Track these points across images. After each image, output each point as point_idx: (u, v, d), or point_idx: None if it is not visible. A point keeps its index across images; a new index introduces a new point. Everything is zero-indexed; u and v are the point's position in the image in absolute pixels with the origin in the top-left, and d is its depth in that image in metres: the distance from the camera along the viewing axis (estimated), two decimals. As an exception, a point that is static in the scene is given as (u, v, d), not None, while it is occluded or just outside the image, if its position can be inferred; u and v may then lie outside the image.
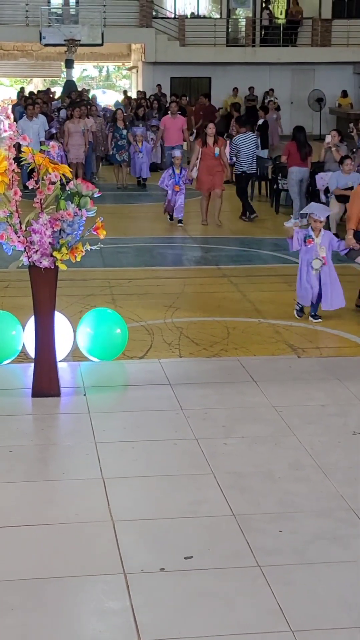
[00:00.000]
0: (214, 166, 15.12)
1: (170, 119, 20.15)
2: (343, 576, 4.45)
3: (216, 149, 15.08)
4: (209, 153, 15.07)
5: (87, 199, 6.71)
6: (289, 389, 7.02)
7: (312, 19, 34.01)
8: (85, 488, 5.35)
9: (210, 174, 15.08)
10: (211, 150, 15.04)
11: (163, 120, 20.60)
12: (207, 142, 15.11)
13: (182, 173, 15.05)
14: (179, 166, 15.17)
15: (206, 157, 15.10)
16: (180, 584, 4.38)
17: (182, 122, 20.15)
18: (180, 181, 15.08)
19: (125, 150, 19.50)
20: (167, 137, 20.02)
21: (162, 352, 8.19)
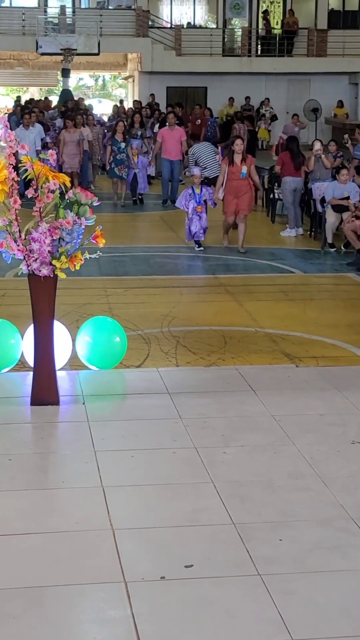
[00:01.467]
0: (240, 187, 13.84)
1: (167, 131, 19.09)
2: (343, 585, 4.45)
3: (243, 167, 13.78)
4: (236, 172, 13.81)
5: (86, 208, 6.72)
6: (288, 398, 7.03)
7: (307, 29, 34.15)
8: (84, 496, 5.35)
9: (237, 196, 13.87)
10: (238, 170, 13.79)
11: (160, 132, 19.45)
12: (234, 161, 13.84)
13: (203, 192, 13.75)
14: (198, 185, 13.81)
15: (232, 177, 13.82)
16: (181, 592, 4.38)
17: (180, 134, 19.09)
18: (202, 201, 13.75)
19: (124, 165, 18.47)
20: (166, 149, 18.92)
21: (159, 361, 8.20)
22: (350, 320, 9.83)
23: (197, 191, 13.70)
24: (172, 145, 18.76)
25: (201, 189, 13.71)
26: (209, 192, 13.76)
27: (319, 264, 13.29)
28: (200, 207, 13.64)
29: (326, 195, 14.29)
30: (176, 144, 18.77)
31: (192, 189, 13.76)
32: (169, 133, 18.97)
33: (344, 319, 9.92)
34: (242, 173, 13.75)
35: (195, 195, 13.67)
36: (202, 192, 13.69)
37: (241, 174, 13.75)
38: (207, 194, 13.71)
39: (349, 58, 33.70)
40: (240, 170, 13.74)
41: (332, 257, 13.66)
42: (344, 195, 13.98)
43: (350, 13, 35.20)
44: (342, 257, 13.50)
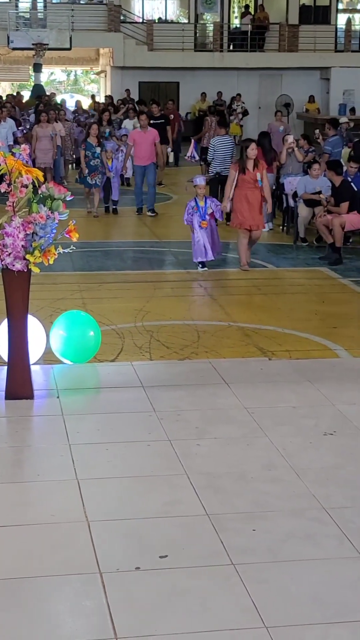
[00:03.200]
0: (254, 197, 12.10)
1: (140, 133, 17.02)
2: (315, 574, 4.51)
3: (257, 174, 12.05)
4: (249, 180, 12.04)
5: (59, 202, 6.74)
6: (261, 391, 7.09)
7: (279, 24, 34.23)
8: (60, 489, 5.39)
9: (251, 207, 12.08)
10: (251, 177, 12.03)
11: (131, 134, 17.61)
12: (246, 167, 12.07)
13: (208, 204, 12.05)
14: (202, 197, 12.08)
15: (244, 185, 12.04)
16: (156, 582, 4.42)
17: (154, 136, 16.90)
18: (207, 216, 12.03)
19: (98, 172, 16.58)
20: (137, 154, 16.89)
21: (132, 355, 8.24)
22: (322, 314, 9.91)
23: (201, 203, 11.99)
24: (144, 149, 16.75)
25: (205, 200, 12.04)
26: (215, 204, 12.10)
27: (291, 258, 13.36)
28: (206, 222, 11.91)
29: (298, 190, 14.36)
30: (149, 147, 16.79)
31: (195, 201, 12.02)
32: (141, 136, 16.91)
33: (316, 313, 9.99)
34: (259, 181, 12.05)
35: (199, 208, 11.98)
36: (206, 205, 11.99)
37: (258, 182, 12.04)
38: (212, 206, 12.04)
39: (320, 53, 33.85)
40: (254, 177, 12.02)
41: (304, 252, 13.74)
42: (315, 189, 14.06)
43: (321, 8, 35.34)
44: (314, 252, 13.58)
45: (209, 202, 12.06)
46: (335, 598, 4.30)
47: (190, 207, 12.06)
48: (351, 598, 4.30)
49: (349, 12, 36.23)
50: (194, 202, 12.04)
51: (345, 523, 4.99)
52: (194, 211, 12.01)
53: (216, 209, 12.04)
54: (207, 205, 11.97)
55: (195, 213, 11.98)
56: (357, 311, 10.19)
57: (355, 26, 35.83)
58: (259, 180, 11.96)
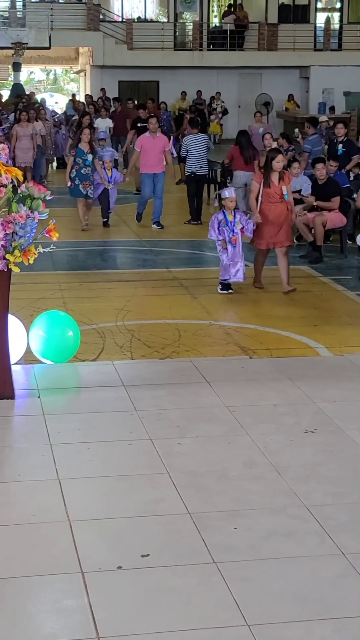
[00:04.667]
0: (279, 212, 10.97)
1: (148, 139, 15.46)
2: (297, 571, 4.53)
3: (283, 187, 10.98)
4: (273, 194, 10.92)
5: (39, 202, 6.73)
6: (242, 389, 7.10)
7: (258, 23, 34.27)
8: (41, 489, 5.38)
9: (274, 224, 10.99)
10: (277, 191, 10.93)
11: (140, 140, 15.73)
12: (270, 179, 10.97)
13: (236, 219, 10.85)
14: (232, 210, 10.89)
15: (269, 199, 10.93)
16: (138, 581, 4.43)
17: (164, 143, 15.54)
18: (237, 230, 10.83)
19: (90, 182, 15.11)
20: (146, 162, 15.44)
21: (113, 354, 8.24)
22: (302, 312, 9.93)
23: (230, 217, 10.82)
24: (153, 157, 15.35)
25: (234, 214, 10.87)
26: (245, 219, 10.93)
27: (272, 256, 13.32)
28: (235, 237, 10.79)
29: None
30: (158, 154, 15.38)
31: (224, 214, 10.87)
32: (150, 142, 15.42)
33: (297, 311, 10.02)
34: (285, 195, 10.99)
35: (228, 222, 10.80)
36: (235, 219, 10.82)
37: (283, 196, 10.97)
38: (242, 221, 10.87)
39: (300, 52, 33.95)
40: (279, 191, 10.94)
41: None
42: (295, 188, 14.08)
43: (300, 7, 35.43)
44: (295, 250, 13.58)
45: (238, 216, 10.90)
46: (317, 595, 4.31)
47: (217, 221, 10.84)
48: (333, 595, 4.32)
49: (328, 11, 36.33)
50: (222, 215, 10.88)
51: (326, 520, 5.01)
52: (222, 226, 10.80)
53: (246, 224, 10.89)
54: (237, 220, 10.83)
55: (224, 228, 10.79)
56: (337, 309, 10.22)
57: (334, 25, 35.93)
58: (285, 194, 10.95)
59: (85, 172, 14.98)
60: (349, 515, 5.08)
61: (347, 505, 5.21)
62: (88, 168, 14.98)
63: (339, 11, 36.26)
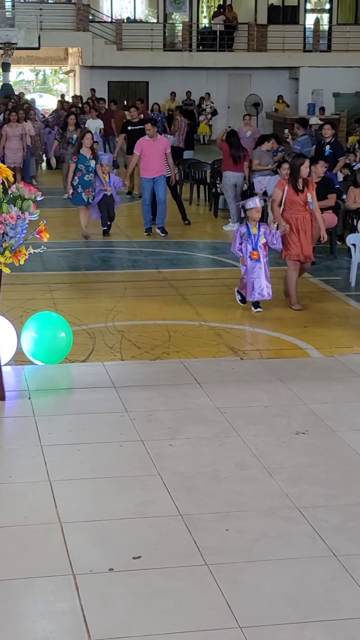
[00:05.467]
0: (305, 222, 10.15)
1: (148, 142, 14.64)
2: (289, 573, 4.52)
3: (308, 195, 10.14)
4: (299, 202, 10.10)
5: (29, 202, 6.71)
6: (233, 391, 7.10)
7: (248, 24, 34.29)
8: (32, 491, 5.36)
9: (301, 234, 10.14)
10: (302, 199, 10.10)
11: (139, 143, 14.85)
12: (297, 187, 10.11)
13: (260, 232, 9.94)
14: (256, 222, 9.98)
15: (294, 208, 10.08)
16: (129, 583, 4.42)
17: (164, 145, 14.75)
18: (260, 244, 9.94)
19: (92, 188, 14.19)
20: (146, 166, 14.66)
21: (103, 355, 8.22)
22: (292, 314, 9.93)
23: (254, 231, 9.93)
24: (153, 160, 14.60)
25: (258, 227, 9.96)
26: (269, 233, 9.98)
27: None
28: (257, 253, 9.87)
29: (268, 190, 14.38)
30: (159, 158, 14.64)
31: (247, 227, 9.96)
32: (150, 145, 14.62)
33: (287, 312, 10.02)
34: (311, 203, 10.18)
35: (251, 236, 9.92)
36: (259, 232, 9.93)
37: (309, 204, 10.15)
38: (267, 235, 9.97)
39: (289, 53, 33.96)
40: (305, 199, 10.10)
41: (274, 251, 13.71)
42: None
43: (289, 8, 35.45)
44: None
45: (263, 229, 9.95)
46: (308, 597, 4.31)
47: (240, 234, 9.97)
48: (325, 597, 4.32)
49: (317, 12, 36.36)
50: (245, 228, 9.98)
51: (318, 522, 5.01)
52: (244, 239, 9.93)
53: (271, 238, 9.94)
54: (260, 233, 9.92)
55: (246, 241, 9.91)
56: (327, 310, 10.22)
57: (324, 26, 35.97)
58: (310, 202, 10.15)
59: (89, 179, 14.10)
60: (340, 517, 5.08)
61: (339, 507, 5.21)
62: (91, 175, 14.12)
63: (328, 12, 36.31)
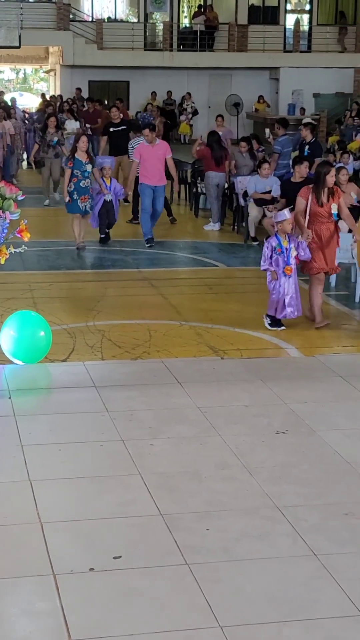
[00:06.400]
0: (330, 234, 9.51)
1: (147, 148, 13.88)
2: (269, 572, 4.53)
3: (332, 206, 9.47)
4: (323, 214, 9.43)
5: (10, 202, 6.71)
6: (214, 390, 7.11)
7: (228, 24, 34.31)
8: (12, 490, 5.35)
9: (325, 247, 9.47)
10: (327, 210, 9.44)
11: (138, 149, 14.13)
12: (320, 198, 9.41)
13: (291, 245, 9.16)
14: (285, 234, 9.18)
15: (317, 220, 9.43)
16: (110, 583, 4.42)
17: (164, 150, 13.96)
18: (291, 258, 9.18)
19: (89, 195, 13.31)
20: (145, 172, 13.87)
21: (84, 355, 8.21)
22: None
23: (285, 244, 9.15)
24: (152, 166, 13.85)
25: (289, 239, 9.17)
26: (299, 244, 9.20)
27: (242, 257, 13.40)
28: (291, 267, 9.13)
29: (248, 190, 14.40)
30: (158, 164, 13.91)
31: (278, 239, 9.16)
32: (149, 150, 13.87)
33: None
34: (334, 214, 9.53)
35: (283, 250, 9.15)
36: (290, 245, 9.15)
37: (333, 215, 9.51)
38: (300, 249, 9.21)
39: (269, 53, 33.99)
40: (329, 210, 9.45)
41: (254, 251, 13.77)
42: (266, 189, 14.12)
43: (270, 9, 35.48)
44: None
45: (293, 242, 9.20)
46: (288, 597, 4.32)
47: (270, 249, 9.17)
48: (304, 596, 4.33)
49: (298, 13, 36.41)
50: (276, 241, 9.17)
51: (298, 521, 5.02)
52: (276, 253, 9.14)
53: (299, 247, 9.21)
54: (292, 246, 9.17)
55: (278, 256, 9.13)
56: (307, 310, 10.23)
57: (304, 27, 36.03)
58: (334, 214, 9.49)
59: (85, 185, 13.25)
60: (320, 516, 5.10)
61: (319, 507, 5.22)
62: (87, 180, 13.28)
63: (308, 13, 36.36)
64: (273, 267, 9.12)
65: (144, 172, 13.88)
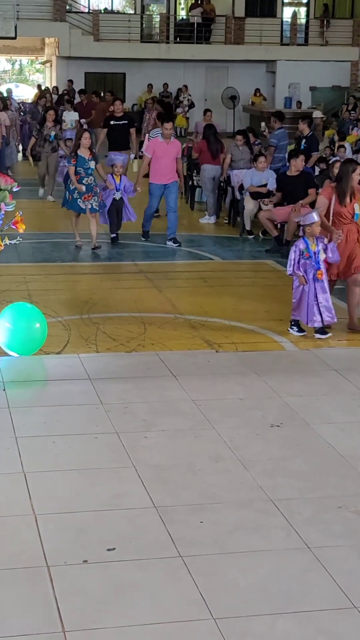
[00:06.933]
0: (352, 236, 9.13)
1: (162, 145, 13.30)
2: (262, 565, 4.55)
3: (355, 206, 9.14)
4: (345, 214, 9.10)
5: (5, 193, 6.71)
6: (208, 383, 7.11)
7: (225, 16, 34.26)
8: (6, 482, 5.35)
9: (347, 249, 9.07)
10: (349, 210, 9.10)
11: (151, 145, 13.54)
12: (343, 198, 9.08)
13: (319, 247, 8.72)
14: (314, 238, 8.74)
15: (340, 220, 9.10)
16: (103, 575, 4.42)
17: (177, 149, 13.44)
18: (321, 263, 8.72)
19: (92, 193, 12.75)
20: (157, 169, 13.33)
21: (79, 347, 8.21)
22: (268, 307, 9.95)
23: (314, 247, 8.71)
24: (165, 164, 13.30)
25: (317, 242, 8.74)
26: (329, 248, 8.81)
27: (237, 250, 13.40)
28: (322, 271, 8.69)
29: (244, 183, 14.40)
30: (171, 162, 13.36)
31: (306, 242, 8.72)
32: (163, 148, 13.29)
33: (262, 305, 10.04)
34: (356, 214, 9.14)
35: (312, 254, 8.70)
36: (318, 249, 8.71)
37: (354, 216, 9.12)
38: (329, 251, 8.80)
39: (266, 46, 33.94)
40: (352, 210, 9.11)
41: (250, 244, 13.79)
42: (262, 182, 14.12)
43: (267, 1, 35.41)
44: (260, 244, 13.64)
45: (321, 245, 8.77)
46: (282, 589, 4.33)
47: (298, 252, 8.73)
48: (297, 589, 4.34)
49: (295, 6, 36.38)
50: (303, 244, 8.72)
51: (292, 514, 5.03)
52: (304, 257, 8.71)
53: (332, 252, 8.78)
54: (320, 249, 8.73)
55: (306, 260, 8.69)
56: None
57: (301, 20, 35.99)
58: (356, 214, 9.11)
59: (88, 183, 12.69)
60: (314, 510, 5.11)
61: (313, 500, 5.24)
62: (91, 177, 12.73)
63: (305, 6, 36.33)
64: (301, 271, 8.70)
65: (156, 170, 13.34)
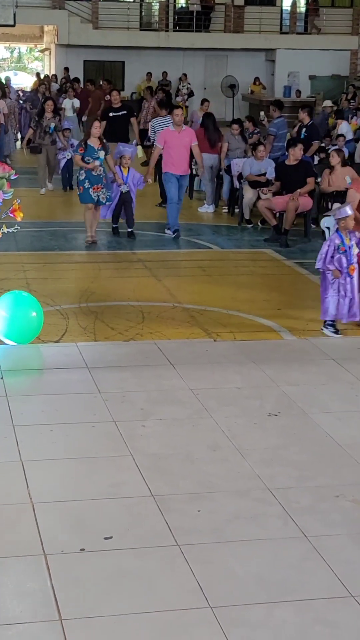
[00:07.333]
0: None
1: (173, 134, 13.06)
2: (260, 554, 4.55)
3: None
4: None
5: (3, 181, 6.69)
6: (206, 372, 7.11)
7: (225, 5, 34.15)
8: (3, 471, 5.35)
9: None
10: None
11: (162, 135, 13.29)
12: None
13: (353, 241, 8.46)
14: (346, 230, 8.48)
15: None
16: (101, 564, 4.42)
17: (190, 137, 13.14)
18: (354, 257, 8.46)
19: (102, 184, 12.35)
20: (170, 159, 13.05)
21: (77, 336, 8.20)
22: (266, 296, 9.95)
23: (348, 242, 8.46)
24: (177, 154, 13.00)
25: (350, 236, 8.48)
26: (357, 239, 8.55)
27: (236, 239, 13.39)
28: (354, 267, 8.43)
29: (243, 172, 14.38)
30: (184, 152, 13.07)
31: (341, 237, 8.44)
32: (174, 137, 13.04)
33: (261, 294, 10.04)
34: None
35: (346, 248, 8.42)
36: (352, 243, 8.45)
37: None
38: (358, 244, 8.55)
39: (266, 35, 33.85)
40: None
41: (249, 233, 13.78)
42: (261, 171, 14.10)
43: (267, -11, 35.33)
44: (259, 233, 13.62)
45: (355, 239, 8.49)
46: (279, 578, 4.34)
47: (333, 247, 8.42)
48: (295, 578, 4.34)
49: (294, -6, 36.27)
50: (338, 238, 8.43)
51: (289, 503, 5.03)
52: (339, 252, 8.40)
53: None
54: (353, 244, 8.47)
55: (340, 254, 8.39)
56: (300, 293, 10.24)
57: (301, 8, 35.87)
58: None
59: (97, 173, 12.28)
60: (311, 498, 5.11)
61: (310, 489, 5.24)
62: (100, 168, 12.35)
63: (305, -6, 36.25)
64: (335, 265, 8.40)
65: (169, 160, 13.03)
